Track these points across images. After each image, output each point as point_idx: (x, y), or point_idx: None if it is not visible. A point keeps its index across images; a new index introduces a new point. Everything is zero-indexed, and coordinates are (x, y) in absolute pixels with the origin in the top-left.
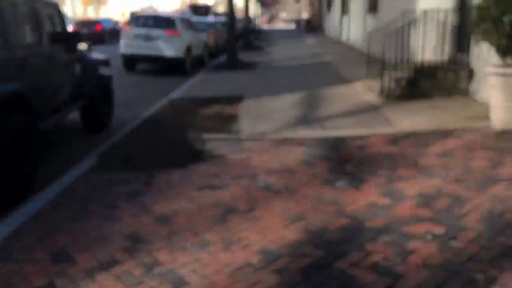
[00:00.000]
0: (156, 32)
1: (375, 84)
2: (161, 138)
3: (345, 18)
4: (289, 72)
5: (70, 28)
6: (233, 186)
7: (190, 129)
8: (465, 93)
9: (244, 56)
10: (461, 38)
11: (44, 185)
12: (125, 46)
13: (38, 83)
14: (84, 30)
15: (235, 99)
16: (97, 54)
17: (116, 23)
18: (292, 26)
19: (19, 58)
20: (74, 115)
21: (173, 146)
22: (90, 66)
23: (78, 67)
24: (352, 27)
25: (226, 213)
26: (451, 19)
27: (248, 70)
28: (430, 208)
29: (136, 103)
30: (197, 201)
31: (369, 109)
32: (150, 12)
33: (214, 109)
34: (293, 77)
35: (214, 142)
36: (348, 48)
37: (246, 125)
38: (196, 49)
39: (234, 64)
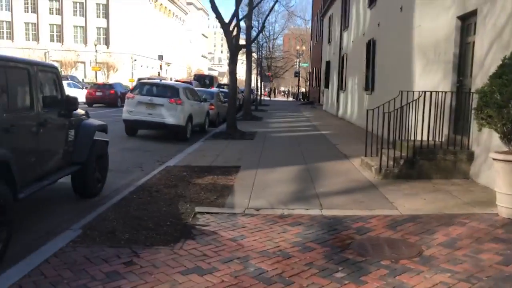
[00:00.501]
0: (159, 100)
1: (373, 162)
2: (151, 210)
3: (342, 94)
4: (287, 143)
5: (84, 91)
6: (222, 271)
7: (183, 200)
8: (465, 176)
9: (244, 126)
10: (458, 120)
11: (16, 259)
12: (128, 112)
13: (26, 150)
14: (99, 93)
15: (232, 169)
16: (94, 120)
17: (127, 87)
18: (290, 99)
19: (6, 122)
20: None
21: (163, 219)
22: (85, 132)
23: (71, 133)
24: (349, 103)
25: None
26: (449, 101)
27: (247, 140)
28: None
29: (133, 169)
30: None
31: (367, 187)
32: (155, 81)
33: (210, 179)
34: (291, 149)
35: (207, 217)
36: (345, 123)
37: (241, 199)
38: (198, 118)
39: (233, 134)
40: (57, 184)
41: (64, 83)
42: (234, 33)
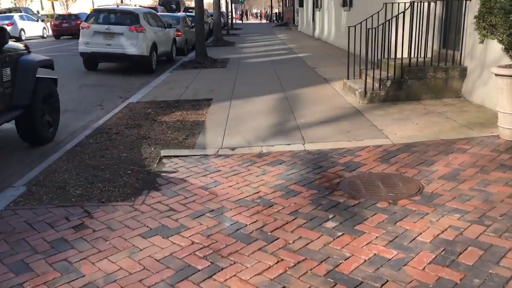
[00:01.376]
0: (117, 28)
1: (357, 85)
2: (110, 157)
3: (318, 13)
4: (263, 69)
5: (41, 24)
6: (192, 230)
7: (147, 143)
8: (457, 94)
9: (215, 52)
10: (449, 34)
11: None
12: (84, 44)
13: None
14: (65, 25)
15: (203, 103)
16: (36, 55)
17: None
18: (264, 21)
19: None
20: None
21: (123, 168)
22: (24, 69)
23: (6, 72)
24: (325, 22)
25: (179, 278)
26: (440, 12)
27: (219, 68)
28: (457, 268)
29: (92, 108)
30: (141, 256)
31: (353, 114)
32: (111, 7)
33: (178, 115)
34: (267, 75)
35: (174, 161)
36: (322, 43)
37: (214, 137)
38: (163, 46)
39: (203, 62)
40: (5, 132)
41: (16, 15)
42: None
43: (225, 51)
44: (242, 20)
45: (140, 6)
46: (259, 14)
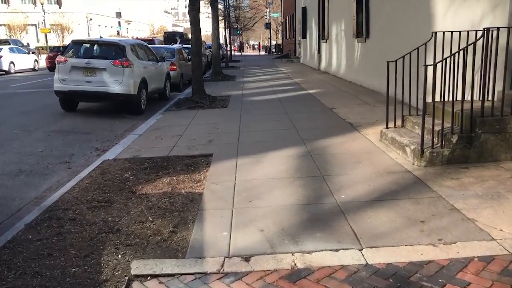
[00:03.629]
0: (100, 62)
1: (404, 137)
2: (48, 277)
3: (324, 44)
4: (271, 110)
5: (32, 56)
6: None
7: (113, 242)
8: None
9: (214, 88)
10: None
11: None
12: (59, 81)
13: None
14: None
15: (200, 161)
16: None
17: None
18: (262, 52)
19: None
20: None
21: None
22: None
23: None
24: (333, 54)
25: None
26: (505, 42)
27: (219, 108)
28: None
29: (56, 166)
30: None
31: (413, 184)
32: (93, 39)
33: (166, 183)
34: (278, 119)
35: (152, 286)
36: (331, 77)
37: (217, 230)
38: (155, 82)
39: (201, 101)
40: None
41: (6, 48)
42: None
43: (225, 87)
44: (240, 52)
45: (137, 38)
46: (257, 46)
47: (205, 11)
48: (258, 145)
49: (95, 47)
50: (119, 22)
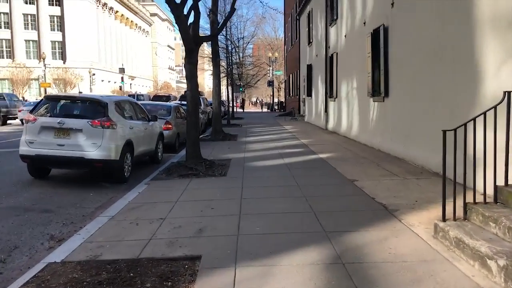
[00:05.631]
0: (75, 122)
1: (481, 242)
2: None
3: (332, 103)
4: (278, 181)
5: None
6: None
7: None
8: None
9: (212, 149)
10: None
11: None
12: (26, 143)
13: None
14: None
15: (181, 272)
16: None
17: None
18: (264, 109)
19: None
20: None
21: None
22: None
23: None
24: (343, 113)
25: None
26: None
27: (216, 177)
28: None
29: None
30: None
31: None
32: (69, 94)
33: None
34: (288, 195)
35: None
36: (341, 139)
37: None
38: (144, 145)
39: (195, 167)
40: None
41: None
42: (191, 19)
43: (226, 148)
44: (243, 109)
45: (156, 95)
46: (259, 102)
47: (208, 68)
48: (266, 241)
49: (71, 104)
50: (122, 78)
